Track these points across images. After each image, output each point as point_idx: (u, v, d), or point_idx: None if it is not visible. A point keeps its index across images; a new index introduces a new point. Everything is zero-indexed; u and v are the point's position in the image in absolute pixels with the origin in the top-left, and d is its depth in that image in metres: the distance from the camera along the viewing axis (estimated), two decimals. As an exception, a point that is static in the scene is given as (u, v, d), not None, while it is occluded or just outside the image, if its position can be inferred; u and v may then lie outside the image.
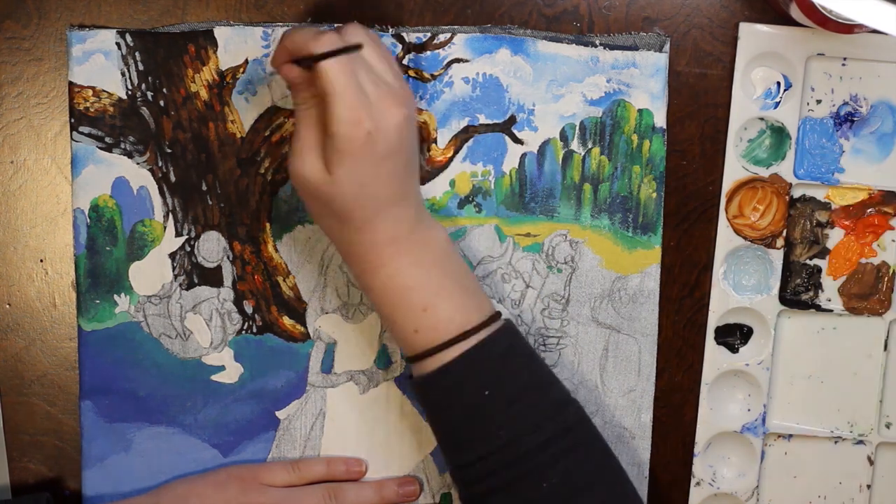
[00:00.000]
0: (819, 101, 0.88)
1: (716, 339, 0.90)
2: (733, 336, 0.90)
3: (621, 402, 0.90)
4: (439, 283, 0.78)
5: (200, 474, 0.88)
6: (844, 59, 0.87)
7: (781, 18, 0.86)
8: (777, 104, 0.87)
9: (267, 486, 0.86)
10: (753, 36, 0.86)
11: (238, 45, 0.85)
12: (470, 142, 0.87)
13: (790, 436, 0.91)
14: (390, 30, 0.86)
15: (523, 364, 0.78)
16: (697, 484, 0.90)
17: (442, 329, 0.77)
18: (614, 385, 0.90)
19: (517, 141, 0.87)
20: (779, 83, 0.87)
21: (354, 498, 0.87)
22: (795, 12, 0.81)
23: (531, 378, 0.78)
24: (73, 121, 0.86)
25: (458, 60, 0.87)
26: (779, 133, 0.88)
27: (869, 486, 0.91)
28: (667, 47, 0.87)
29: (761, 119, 0.88)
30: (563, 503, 0.75)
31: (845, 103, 0.88)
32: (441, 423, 0.80)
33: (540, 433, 0.76)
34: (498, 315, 0.80)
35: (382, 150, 0.74)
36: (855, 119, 0.88)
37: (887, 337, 0.90)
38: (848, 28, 0.80)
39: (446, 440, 0.80)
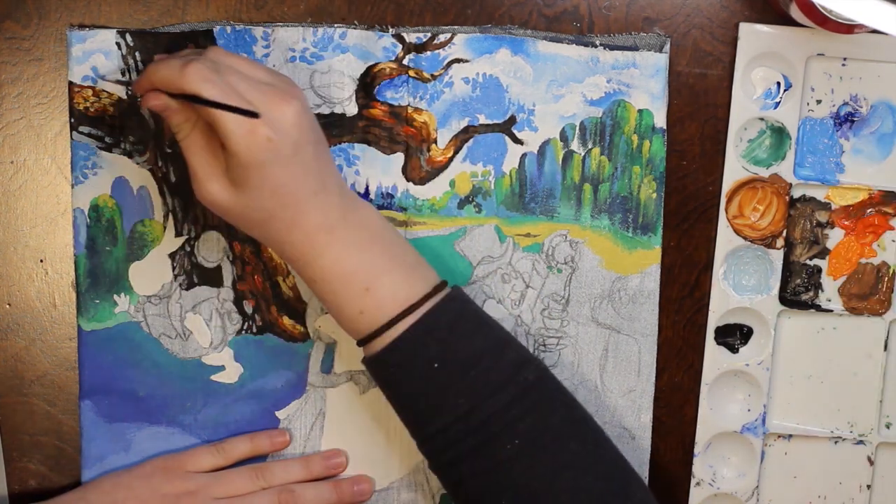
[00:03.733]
0: (819, 102, 0.88)
1: (716, 339, 0.90)
2: (733, 336, 0.90)
3: (621, 403, 0.90)
4: (379, 261, 0.77)
5: (127, 468, 0.88)
6: (844, 59, 0.87)
7: (781, 18, 0.86)
8: (777, 104, 0.87)
9: (192, 473, 0.86)
10: (753, 36, 0.86)
11: (238, 45, 0.85)
12: (470, 142, 0.87)
13: (790, 436, 0.91)
14: (390, 30, 0.86)
15: (474, 330, 0.78)
16: (697, 484, 0.90)
17: (387, 307, 0.77)
18: (614, 385, 0.90)
19: (517, 141, 0.87)
20: (779, 83, 0.87)
21: (283, 477, 0.87)
22: (795, 12, 0.81)
23: (484, 343, 0.78)
24: (72, 121, 0.86)
25: (458, 60, 0.87)
26: (779, 133, 0.88)
27: (869, 487, 0.91)
28: (667, 48, 0.87)
29: (761, 119, 0.88)
30: (532, 461, 0.75)
31: (845, 103, 0.88)
32: (398, 400, 0.80)
33: (500, 396, 0.76)
34: (444, 284, 0.79)
35: (287, 149, 0.74)
36: (855, 119, 0.88)
37: (887, 337, 0.90)
38: (848, 28, 0.80)
39: (406, 415, 0.80)
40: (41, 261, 0.88)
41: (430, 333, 0.77)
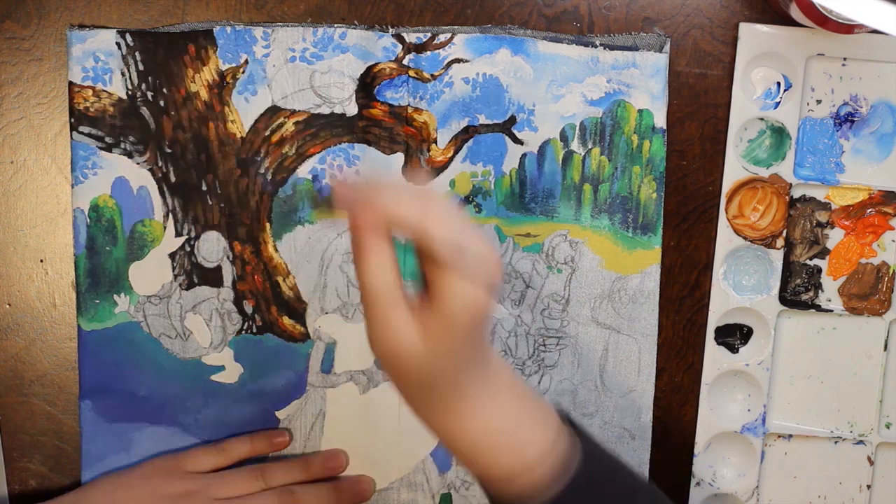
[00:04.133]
0: (819, 102, 0.88)
1: (716, 339, 0.90)
2: (733, 336, 0.90)
3: (621, 403, 0.90)
4: (517, 413, 0.70)
5: (127, 468, 0.88)
6: (844, 59, 0.87)
7: (781, 19, 0.86)
8: (777, 104, 0.87)
9: (192, 473, 0.86)
10: (753, 36, 0.86)
11: (238, 45, 0.85)
12: (470, 142, 0.87)
13: (790, 436, 0.91)
14: (390, 30, 0.86)
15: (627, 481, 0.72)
16: (697, 484, 0.90)
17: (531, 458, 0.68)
18: (614, 385, 0.90)
19: (517, 141, 0.87)
20: (779, 83, 0.87)
21: (283, 478, 0.87)
22: (795, 12, 0.81)
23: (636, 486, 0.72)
24: (73, 120, 0.86)
25: (458, 61, 0.87)
26: (779, 133, 0.88)
27: (869, 487, 0.91)
28: (667, 48, 0.87)
29: (761, 119, 0.88)
30: None
31: (845, 103, 0.88)
32: None
33: None
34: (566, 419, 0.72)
35: (486, 319, 0.67)
36: (855, 119, 0.88)
37: (887, 337, 0.90)
38: (848, 28, 0.80)
39: None
40: (41, 261, 0.88)
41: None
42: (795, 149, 0.88)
